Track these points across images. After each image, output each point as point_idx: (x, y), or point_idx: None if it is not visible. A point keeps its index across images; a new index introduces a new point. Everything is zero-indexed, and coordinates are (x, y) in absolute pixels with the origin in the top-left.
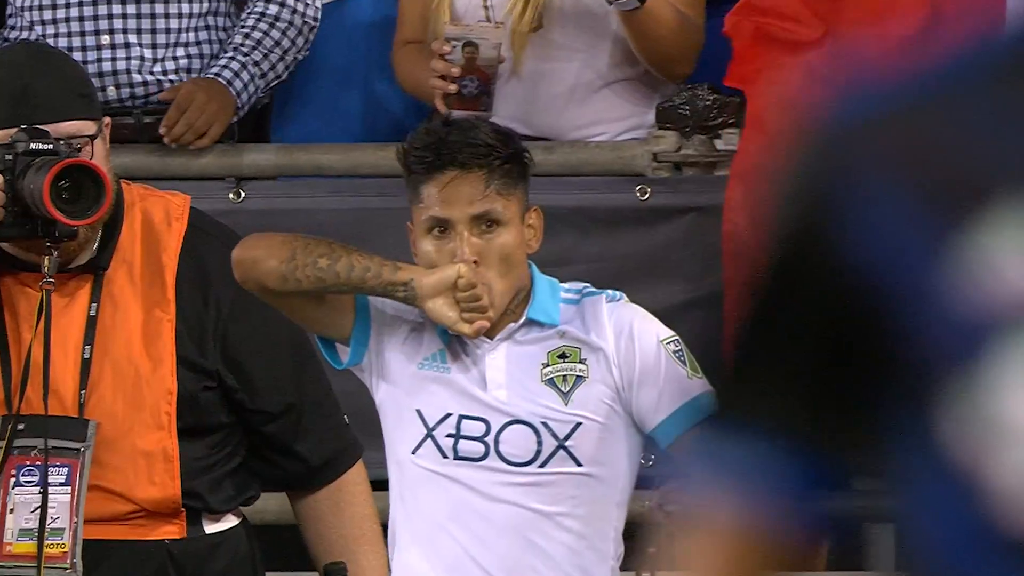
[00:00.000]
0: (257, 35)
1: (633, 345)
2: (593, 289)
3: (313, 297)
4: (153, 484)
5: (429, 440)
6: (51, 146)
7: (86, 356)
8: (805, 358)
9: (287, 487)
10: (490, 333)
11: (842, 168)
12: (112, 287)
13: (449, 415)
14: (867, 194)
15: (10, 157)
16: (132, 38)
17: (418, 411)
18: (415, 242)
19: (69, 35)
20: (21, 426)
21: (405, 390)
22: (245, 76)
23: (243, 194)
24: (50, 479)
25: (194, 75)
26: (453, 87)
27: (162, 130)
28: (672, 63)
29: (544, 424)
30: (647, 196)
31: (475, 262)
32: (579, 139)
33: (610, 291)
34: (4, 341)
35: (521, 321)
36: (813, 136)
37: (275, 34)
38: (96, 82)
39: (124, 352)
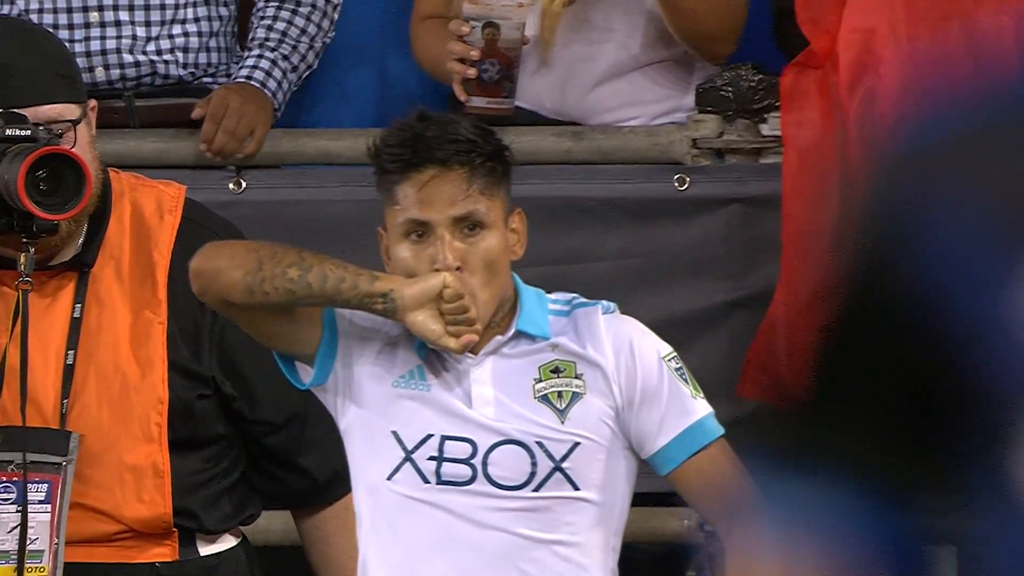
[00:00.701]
0: (281, 26)
1: (634, 362)
2: (584, 300)
3: (280, 311)
4: (142, 502)
5: (408, 464)
6: (29, 132)
7: (69, 362)
8: (884, 396)
9: (291, 504)
10: (474, 348)
11: (915, 193)
12: (98, 286)
13: (430, 436)
14: (939, 220)
15: None
16: (123, 15)
17: (394, 433)
18: (388, 248)
19: (55, 11)
20: (2, 436)
21: (378, 411)
22: (277, 74)
23: (244, 184)
24: (29, 496)
25: (191, 55)
26: (472, 72)
27: (202, 146)
28: (711, 42)
29: (539, 444)
30: (686, 186)
31: (458, 268)
32: (611, 124)
33: (604, 302)
34: None
35: (509, 334)
36: (888, 161)
37: (299, 22)
38: (83, 62)
39: (110, 357)
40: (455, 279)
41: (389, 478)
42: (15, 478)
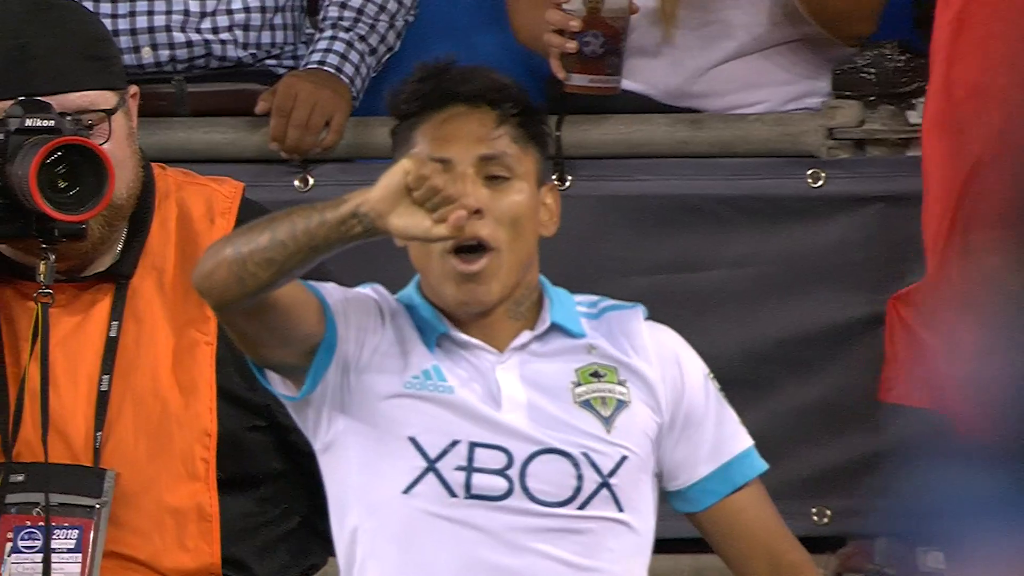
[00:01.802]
0: (356, 2)
1: (681, 377)
2: (612, 302)
3: (280, 306)
4: (185, 550)
5: (431, 475)
6: (52, 122)
7: (103, 388)
8: None
9: None
10: (497, 342)
11: None
12: (137, 301)
13: (456, 443)
14: None
15: (1, 137)
16: None
17: (412, 440)
18: None
19: None
20: (20, 477)
21: (388, 416)
22: (354, 57)
23: (311, 180)
24: (55, 544)
25: (252, 34)
26: (572, 44)
27: (272, 145)
28: (846, 21)
29: (585, 455)
30: (820, 182)
31: (478, 211)
32: (734, 111)
33: (640, 305)
34: (1, 368)
35: (541, 328)
36: None
37: None
38: (128, 42)
39: (149, 383)
40: (414, 162)
41: (407, 491)
42: (40, 523)
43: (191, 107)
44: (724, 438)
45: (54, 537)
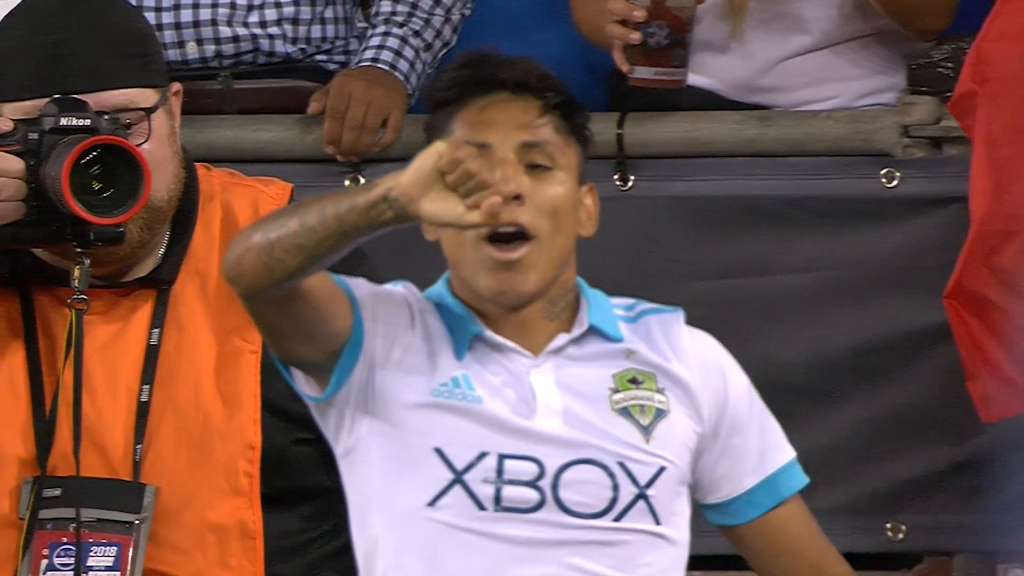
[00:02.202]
0: None
1: (725, 385)
2: (650, 305)
3: (308, 298)
4: (227, 568)
5: (458, 487)
6: (88, 121)
7: (143, 399)
8: None
9: None
10: (531, 344)
11: None
12: (179, 307)
13: (484, 455)
14: None
15: (35, 136)
16: None
17: (438, 451)
18: None
19: None
20: (55, 491)
21: (413, 424)
22: (409, 53)
23: (362, 181)
24: (92, 562)
25: (302, 28)
26: (636, 36)
27: (328, 148)
28: (919, 14)
29: (621, 465)
30: (894, 182)
31: (518, 197)
32: (804, 107)
33: (679, 309)
34: (38, 377)
35: (578, 331)
36: None
37: None
38: (172, 36)
39: (191, 393)
40: (449, 144)
41: (432, 504)
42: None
43: (238, 104)
44: (769, 449)
45: (91, 554)
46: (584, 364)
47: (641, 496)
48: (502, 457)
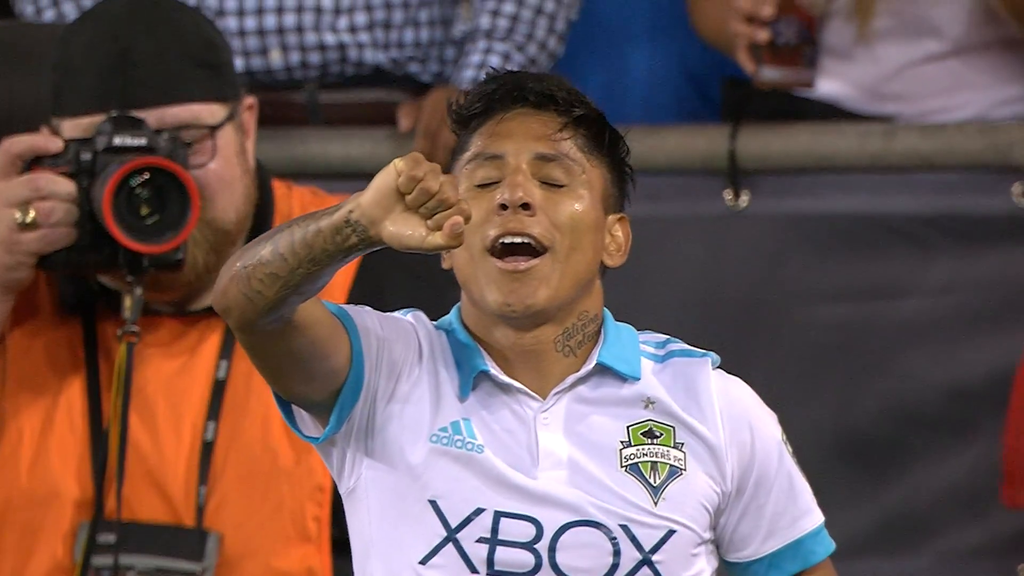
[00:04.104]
0: (509, 8)
1: (752, 440)
2: (684, 346)
3: (305, 334)
4: None
5: (450, 546)
6: (144, 140)
7: (208, 438)
8: None
9: None
10: (542, 382)
11: None
12: None
13: (480, 511)
14: None
15: (87, 156)
16: None
17: (433, 503)
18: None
19: None
20: (111, 537)
21: (410, 472)
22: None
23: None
24: None
25: (393, 33)
26: (764, 34)
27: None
28: None
29: (624, 528)
30: None
31: (526, 206)
32: (931, 117)
33: (711, 354)
34: (97, 413)
35: (590, 367)
36: None
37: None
38: (255, 43)
39: (258, 432)
40: (407, 160)
41: (423, 562)
42: None
43: (324, 117)
44: (798, 512)
45: None
46: (598, 409)
47: (645, 562)
48: (499, 515)
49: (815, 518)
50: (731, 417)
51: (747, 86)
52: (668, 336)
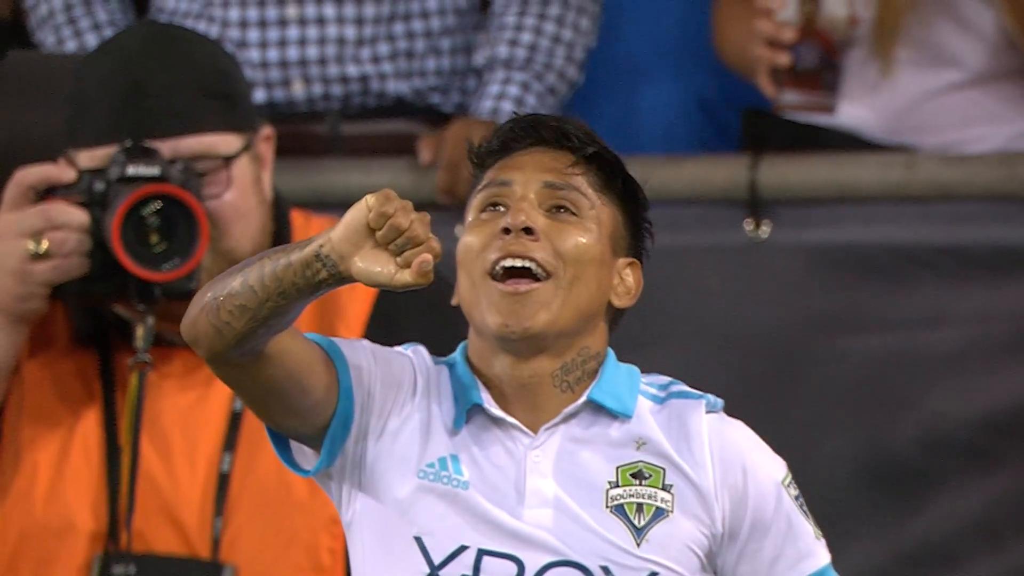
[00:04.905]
0: (527, 38)
1: (745, 483)
2: (682, 388)
3: (281, 367)
4: None
5: None
6: (157, 170)
7: (224, 469)
8: None
9: None
10: (536, 418)
11: None
12: None
13: (463, 549)
14: None
15: (100, 186)
16: (329, 10)
17: (418, 540)
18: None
19: (242, 3)
20: (127, 568)
21: (397, 508)
22: (531, 101)
23: None
24: None
25: (416, 62)
26: (784, 58)
27: (444, 198)
28: None
29: (605, 569)
30: None
31: (528, 230)
32: (952, 148)
33: (709, 396)
34: (113, 444)
35: (578, 403)
36: None
37: (550, 28)
38: (277, 74)
39: (273, 464)
40: (378, 196)
41: None
42: None
43: (346, 148)
44: (798, 555)
45: None
46: (590, 448)
47: None
48: (481, 553)
49: (818, 560)
50: (723, 460)
51: (767, 116)
52: (672, 379)
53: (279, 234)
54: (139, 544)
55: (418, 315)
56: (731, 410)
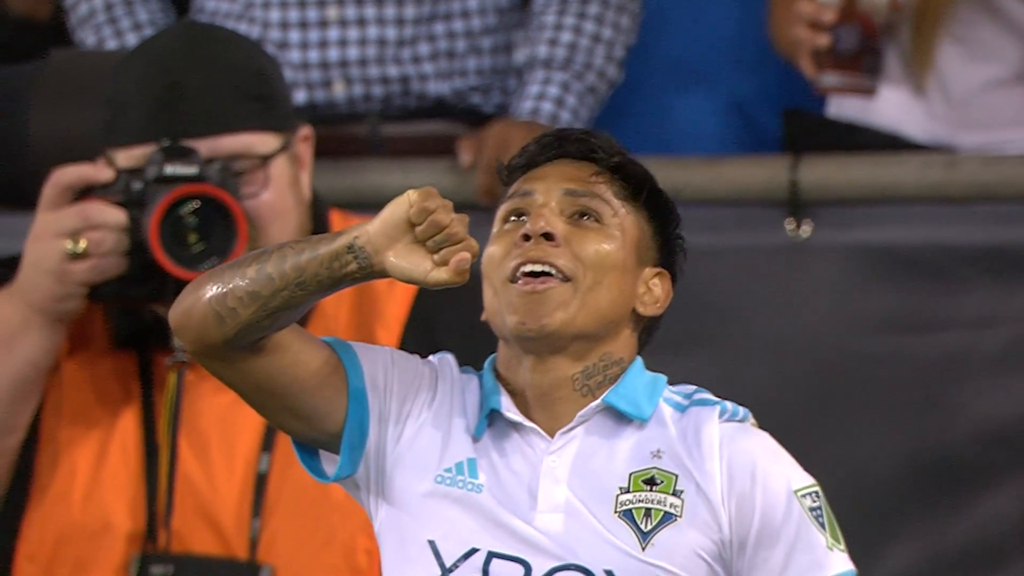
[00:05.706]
0: (567, 37)
1: (753, 490)
2: (705, 396)
3: (274, 360)
4: None
5: None
6: (195, 169)
7: (262, 470)
8: None
9: None
10: (556, 422)
11: None
12: None
13: (474, 551)
14: None
15: (138, 186)
16: (369, 11)
17: (431, 543)
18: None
19: (283, 5)
20: (164, 569)
21: (414, 513)
22: (571, 101)
23: None
24: None
25: (456, 62)
26: (824, 39)
27: (484, 199)
28: None
29: (610, 573)
30: None
31: (548, 235)
32: (993, 147)
33: (729, 404)
34: (153, 445)
35: (593, 407)
36: None
37: (589, 27)
38: (318, 75)
39: None
40: (421, 192)
41: None
42: None
43: (386, 149)
44: (806, 565)
45: None
46: (606, 454)
47: None
48: (491, 555)
49: (829, 569)
50: (731, 466)
51: (808, 116)
52: (698, 387)
53: (317, 232)
54: (177, 545)
55: (456, 318)
56: (773, 412)
